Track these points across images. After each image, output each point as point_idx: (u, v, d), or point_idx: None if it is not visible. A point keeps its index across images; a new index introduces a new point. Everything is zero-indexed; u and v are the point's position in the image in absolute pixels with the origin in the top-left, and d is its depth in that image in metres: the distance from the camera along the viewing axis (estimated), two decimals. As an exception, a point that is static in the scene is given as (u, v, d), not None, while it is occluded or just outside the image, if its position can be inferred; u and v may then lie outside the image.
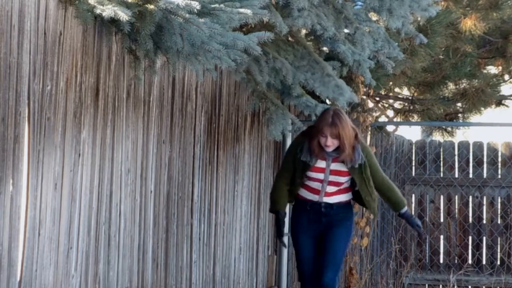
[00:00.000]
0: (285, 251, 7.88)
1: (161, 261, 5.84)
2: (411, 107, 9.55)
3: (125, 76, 5.26)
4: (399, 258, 9.40)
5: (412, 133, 12.88)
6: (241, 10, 4.72)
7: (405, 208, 6.09)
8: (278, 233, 6.09)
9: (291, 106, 7.31)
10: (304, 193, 5.94)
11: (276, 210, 6.05)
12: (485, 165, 10.03)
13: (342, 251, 5.90)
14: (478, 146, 10.13)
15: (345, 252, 5.97)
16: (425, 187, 10.09)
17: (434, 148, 10.23)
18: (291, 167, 5.92)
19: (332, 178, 5.85)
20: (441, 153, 10.20)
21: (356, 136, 5.79)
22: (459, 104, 9.41)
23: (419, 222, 6.12)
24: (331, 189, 5.89)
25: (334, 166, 5.84)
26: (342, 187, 5.92)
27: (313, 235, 5.92)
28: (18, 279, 4.34)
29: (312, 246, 5.92)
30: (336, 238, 5.88)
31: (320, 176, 5.86)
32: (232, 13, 4.71)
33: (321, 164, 5.84)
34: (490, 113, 10.02)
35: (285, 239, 7.84)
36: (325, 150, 5.78)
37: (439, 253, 10.07)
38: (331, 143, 5.70)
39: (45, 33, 4.47)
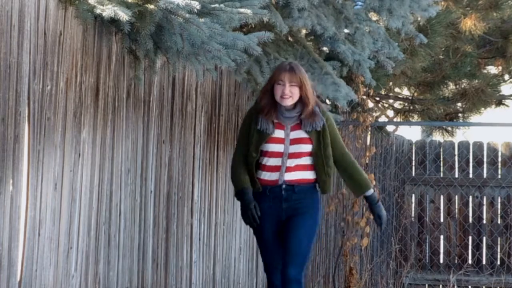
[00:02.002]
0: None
1: (161, 261, 5.84)
2: (411, 107, 9.55)
3: (125, 76, 5.26)
4: (399, 258, 9.40)
5: (412, 133, 12.88)
6: (241, 10, 4.72)
7: (371, 191, 5.29)
8: (248, 217, 5.22)
9: (291, 106, 7.30)
10: (262, 175, 5.18)
11: (240, 188, 5.22)
12: (485, 165, 10.03)
13: (307, 243, 5.15)
14: (478, 146, 10.13)
15: (312, 244, 5.22)
16: (425, 187, 10.10)
17: (434, 148, 10.24)
18: (247, 143, 5.19)
19: (293, 148, 5.11)
20: (441, 153, 10.20)
21: (314, 104, 5.14)
22: (459, 104, 9.42)
23: (383, 213, 5.29)
24: (292, 162, 5.13)
25: (294, 134, 5.13)
26: (303, 161, 5.15)
27: (275, 225, 5.18)
28: (18, 279, 4.34)
29: (275, 237, 5.19)
30: (299, 228, 5.12)
31: (280, 148, 5.12)
32: (232, 13, 4.71)
33: (279, 134, 5.13)
34: (490, 113, 10.02)
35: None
36: (281, 112, 5.10)
37: (439, 253, 10.08)
38: (288, 92, 5.03)
39: (45, 33, 4.47)
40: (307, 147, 5.13)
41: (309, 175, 5.19)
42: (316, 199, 5.23)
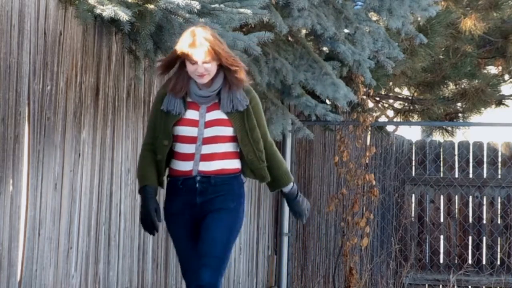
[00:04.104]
0: (285, 251, 7.88)
1: (161, 261, 5.83)
2: (411, 107, 9.55)
3: (125, 76, 5.26)
4: (399, 258, 9.40)
5: (412, 133, 12.88)
6: (241, 10, 4.72)
7: (289, 187, 4.46)
8: (146, 223, 4.33)
9: (291, 106, 7.31)
10: (175, 164, 4.32)
11: (142, 185, 4.33)
12: (485, 165, 10.03)
13: (225, 243, 4.30)
14: (478, 146, 10.13)
15: (232, 244, 4.38)
16: (425, 187, 10.10)
17: (434, 148, 10.24)
18: (157, 129, 4.34)
19: (209, 132, 4.25)
20: (441, 153, 10.21)
21: (240, 67, 4.26)
22: (459, 104, 9.42)
23: (302, 208, 4.51)
24: (208, 149, 4.27)
25: (211, 115, 4.27)
26: (223, 148, 4.29)
27: (190, 223, 4.34)
28: (18, 279, 4.34)
29: (189, 235, 4.35)
30: (215, 226, 4.27)
31: (193, 131, 4.26)
32: (232, 13, 4.71)
33: (192, 115, 4.27)
34: (490, 113, 10.02)
35: (286, 239, 7.84)
36: (194, 89, 4.27)
37: (439, 253, 10.08)
38: (203, 71, 4.18)
39: (45, 33, 4.47)
40: (227, 131, 4.28)
41: (231, 164, 4.33)
42: (239, 192, 4.36)
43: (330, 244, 8.86)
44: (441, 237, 10.10)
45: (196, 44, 4.14)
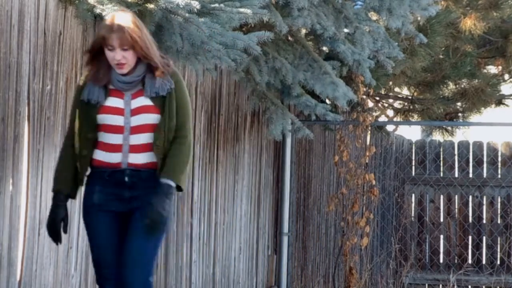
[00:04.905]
0: (285, 251, 7.88)
1: (161, 261, 5.83)
2: (411, 107, 9.55)
3: (125, 75, 5.25)
4: (399, 258, 9.40)
5: (412, 132, 12.88)
6: (241, 10, 4.72)
7: (168, 181, 3.96)
8: (51, 231, 4.00)
9: (291, 106, 7.31)
10: (100, 155, 4.00)
11: (55, 190, 4.03)
12: (485, 165, 10.04)
13: (152, 248, 4.04)
14: (478, 145, 10.14)
15: (160, 244, 4.10)
16: (425, 187, 10.10)
17: (434, 148, 10.24)
18: (79, 122, 4.04)
19: (136, 120, 3.97)
20: (441, 153, 10.21)
21: (158, 61, 4.00)
22: (459, 104, 9.42)
23: (155, 216, 3.91)
24: (137, 139, 3.97)
25: (136, 102, 3.99)
26: (153, 138, 3.97)
27: (114, 216, 4.02)
28: (18, 278, 4.34)
29: (112, 231, 4.04)
30: (145, 230, 3.95)
31: (118, 120, 3.96)
32: (232, 13, 4.71)
33: (115, 103, 3.98)
34: (490, 113, 10.02)
35: (286, 239, 7.84)
36: (116, 76, 3.99)
37: (439, 252, 10.08)
38: (122, 59, 3.92)
39: (45, 33, 4.47)
40: (154, 118, 3.99)
41: (159, 158, 4.03)
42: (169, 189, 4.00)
43: (330, 243, 8.86)
44: (441, 236, 10.10)
45: (114, 29, 3.90)
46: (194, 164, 6.26)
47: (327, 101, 7.34)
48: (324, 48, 7.13)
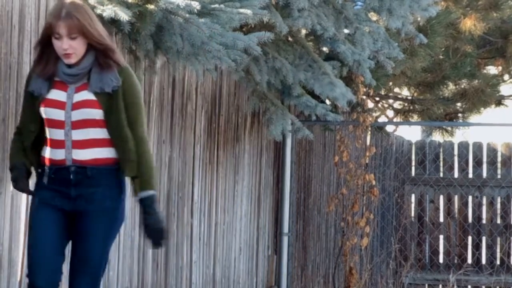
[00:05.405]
0: (285, 251, 7.88)
1: (161, 261, 5.84)
2: (411, 107, 9.55)
3: (125, 76, 5.26)
4: (399, 258, 9.41)
5: (412, 133, 12.89)
6: (241, 10, 4.72)
7: (150, 193, 3.85)
8: (21, 185, 3.90)
9: (291, 106, 7.32)
10: (46, 152, 3.83)
11: (11, 164, 3.91)
12: (484, 165, 10.05)
13: (101, 254, 3.85)
14: (478, 146, 10.15)
15: (109, 247, 3.91)
16: (425, 187, 10.11)
17: (434, 148, 10.25)
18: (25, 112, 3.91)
19: (77, 115, 3.76)
20: (441, 153, 10.22)
21: (111, 49, 3.81)
22: (459, 104, 9.42)
23: (158, 227, 3.87)
24: (79, 135, 3.79)
25: (79, 96, 3.79)
26: (95, 134, 3.80)
27: (61, 214, 3.83)
28: (19, 279, 4.34)
29: (54, 227, 3.82)
30: (92, 228, 3.81)
31: (60, 114, 3.77)
32: (232, 13, 4.71)
33: (58, 95, 3.79)
34: (490, 113, 10.03)
35: (286, 239, 7.84)
36: (62, 67, 3.79)
37: (439, 253, 10.09)
38: (69, 48, 3.71)
39: (45, 33, 4.47)
40: (95, 113, 3.78)
41: (106, 153, 3.82)
42: (119, 188, 3.88)
43: (330, 244, 8.86)
44: (441, 237, 10.11)
45: (61, 15, 3.68)
46: (194, 164, 6.27)
47: (327, 101, 7.34)
48: (324, 49, 7.13)
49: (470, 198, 10.05)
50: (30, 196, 3.93)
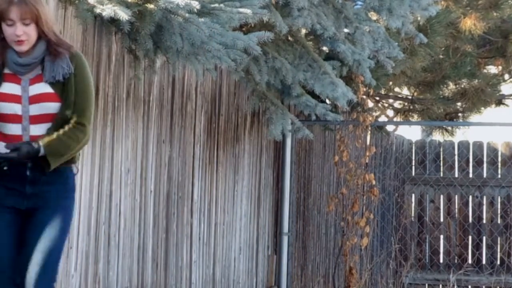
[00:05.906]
0: (285, 251, 7.88)
1: (161, 261, 5.83)
2: (411, 107, 9.55)
3: (125, 76, 5.26)
4: (399, 258, 9.40)
5: (412, 132, 12.88)
6: (241, 10, 4.72)
7: (40, 144, 3.60)
8: None
9: (291, 106, 7.31)
10: (1, 148, 3.64)
11: None
12: (485, 165, 10.04)
13: (58, 248, 3.70)
14: (478, 146, 10.14)
15: (63, 246, 3.77)
16: (425, 186, 10.10)
17: (434, 148, 10.24)
18: None
19: (35, 109, 3.62)
20: (441, 153, 10.21)
21: (59, 38, 3.71)
22: (459, 104, 9.42)
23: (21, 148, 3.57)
24: (38, 130, 3.65)
25: (35, 88, 3.64)
26: (56, 128, 3.66)
27: (15, 214, 3.68)
28: (18, 279, 4.33)
29: (11, 229, 3.68)
30: (47, 228, 3.65)
31: (16, 109, 3.62)
32: (232, 13, 4.71)
33: (12, 89, 3.63)
34: (490, 113, 10.03)
35: (286, 239, 7.84)
36: (12, 58, 3.63)
37: (439, 252, 10.08)
38: (23, 34, 3.56)
39: (44, 33, 4.46)
40: (54, 107, 3.64)
41: None
42: (72, 186, 3.77)
43: (330, 244, 8.86)
44: (441, 236, 10.11)
45: (14, 0, 3.53)
46: (194, 164, 6.26)
47: (327, 101, 7.34)
48: (324, 48, 7.13)
49: (470, 198, 10.04)
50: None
